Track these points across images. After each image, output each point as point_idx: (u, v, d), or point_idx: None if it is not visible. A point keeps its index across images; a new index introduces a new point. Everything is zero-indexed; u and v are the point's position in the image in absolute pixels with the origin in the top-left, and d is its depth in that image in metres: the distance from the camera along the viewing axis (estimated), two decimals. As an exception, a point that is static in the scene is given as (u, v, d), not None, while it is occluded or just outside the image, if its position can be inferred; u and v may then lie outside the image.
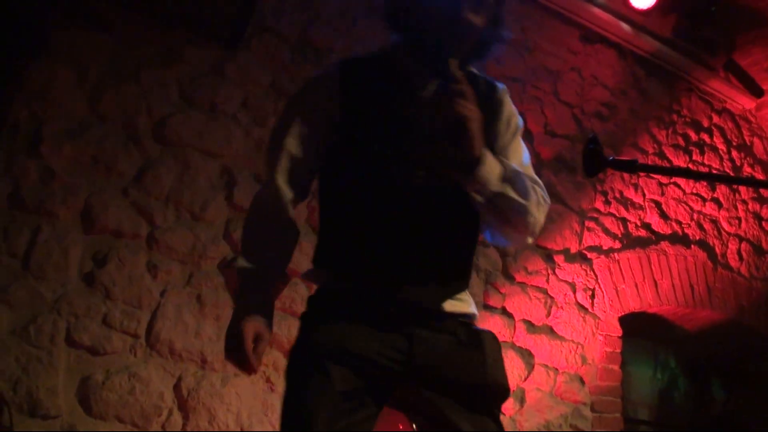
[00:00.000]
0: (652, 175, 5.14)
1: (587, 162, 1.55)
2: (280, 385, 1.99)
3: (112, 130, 3.22)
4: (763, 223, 5.78)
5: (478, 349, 1.70)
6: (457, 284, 1.75)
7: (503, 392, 1.76)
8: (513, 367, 3.85)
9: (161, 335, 3.05)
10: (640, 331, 4.88)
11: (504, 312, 3.94)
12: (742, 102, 6.12)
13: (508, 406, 3.74)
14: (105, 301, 3.00)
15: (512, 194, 1.64)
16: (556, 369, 4.02)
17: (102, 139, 3.18)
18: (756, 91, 6.16)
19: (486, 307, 3.86)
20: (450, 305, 1.71)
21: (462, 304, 1.74)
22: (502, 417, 3.29)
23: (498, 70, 4.51)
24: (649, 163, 5.16)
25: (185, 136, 3.36)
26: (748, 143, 6.09)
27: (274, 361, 3.20)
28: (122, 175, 3.19)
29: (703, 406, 5.50)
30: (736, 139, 5.99)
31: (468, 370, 1.67)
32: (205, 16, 3.39)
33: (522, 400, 3.81)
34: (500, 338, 3.55)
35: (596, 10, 5.28)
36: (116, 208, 3.13)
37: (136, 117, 3.29)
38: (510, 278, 4.06)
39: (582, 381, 4.10)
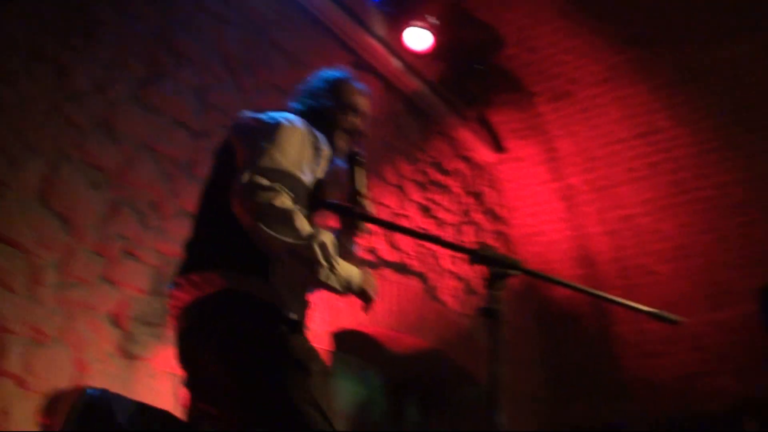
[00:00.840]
0: (388, 205, 5.60)
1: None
2: None
3: None
4: (475, 267, 6.49)
5: None
6: None
7: None
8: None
9: None
10: (350, 346, 5.28)
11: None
12: (483, 154, 6.87)
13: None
14: None
15: None
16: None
17: None
18: (498, 147, 6.94)
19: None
20: None
21: None
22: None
23: (269, 78, 4.75)
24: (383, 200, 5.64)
25: None
26: (481, 191, 6.84)
27: None
28: None
29: (397, 424, 6.05)
30: (471, 186, 6.69)
31: None
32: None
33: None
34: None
35: (372, 41, 5.68)
36: None
37: None
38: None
39: (283, 388, 4.39)
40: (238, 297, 2.05)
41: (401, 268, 5.53)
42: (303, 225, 1.99)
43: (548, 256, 7.19)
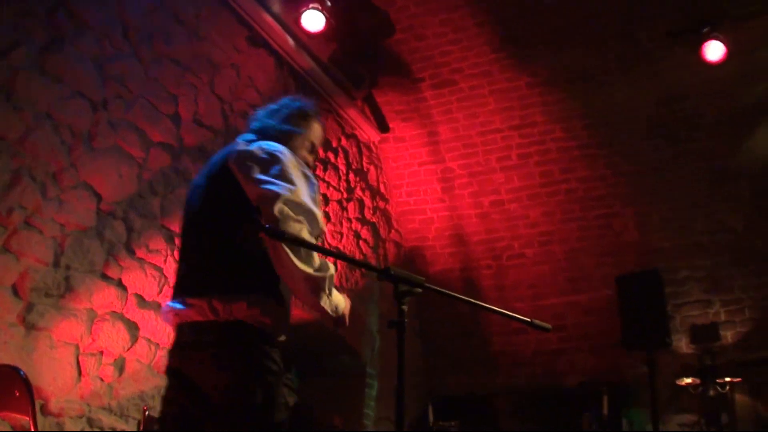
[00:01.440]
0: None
1: None
2: None
3: None
4: (360, 242, 6.86)
5: None
6: None
7: None
8: (119, 338, 4.18)
9: None
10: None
11: (119, 284, 4.23)
12: (369, 133, 7.18)
13: (108, 374, 4.07)
14: None
15: None
16: (158, 344, 4.42)
17: None
18: (383, 127, 7.27)
19: (103, 276, 4.13)
20: None
21: None
22: (100, 383, 3.67)
23: (164, 51, 4.81)
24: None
25: None
26: (365, 169, 7.17)
27: None
28: None
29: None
30: (356, 164, 7.01)
31: None
32: None
33: (122, 369, 4.16)
34: (111, 309, 3.90)
35: (268, 18, 5.81)
36: None
37: None
38: (131, 252, 4.34)
39: (179, 358, 4.58)
40: (250, 329, 2.32)
41: (288, 243, 5.74)
42: (320, 258, 2.32)
43: (425, 234, 7.65)
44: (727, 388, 6.49)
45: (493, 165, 7.19)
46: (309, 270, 2.27)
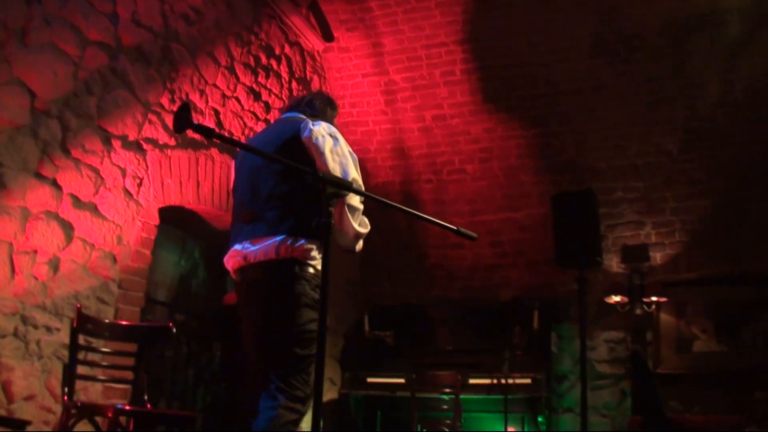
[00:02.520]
0: (219, 86, 5.87)
1: (177, 121, 2.18)
2: None
3: None
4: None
5: None
6: None
7: None
8: (53, 237, 4.27)
9: None
10: (174, 221, 5.63)
11: (54, 183, 4.30)
12: (313, 42, 7.21)
13: (42, 273, 4.19)
14: None
15: None
16: (93, 245, 4.53)
17: None
18: (327, 36, 7.31)
19: (37, 175, 4.19)
20: None
21: None
22: (34, 282, 3.81)
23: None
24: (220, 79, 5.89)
25: None
26: (308, 78, 7.23)
27: None
28: None
29: (216, 294, 6.51)
30: (299, 72, 7.07)
31: None
32: None
33: (56, 269, 4.27)
34: (45, 208, 4.00)
35: None
36: None
37: None
38: (66, 152, 4.39)
39: (115, 259, 4.69)
40: (300, 264, 2.98)
41: (226, 148, 5.84)
42: (367, 223, 3.19)
43: (367, 146, 7.80)
44: (653, 307, 6.91)
45: (437, 79, 7.31)
46: (362, 231, 3.14)
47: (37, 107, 4.21)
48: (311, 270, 2.98)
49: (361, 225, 3.13)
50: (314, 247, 2.98)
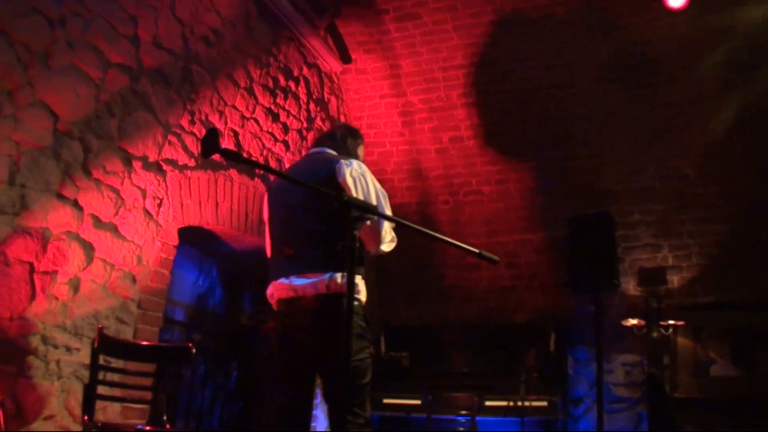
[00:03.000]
0: (238, 108, 5.91)
1: (204, 146, 2.19)
2: None
3: None
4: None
5: None
6: None
7: None
8: (74, 258, 4.30)
9: None
10: (193, 241, 5.66)
11: (75, 204, 4.33)
12: (331, 63, 7.26)
13: (63, 293, 4.22)
14: None
15: None
16: (113, 265, 4.55)
17: None
18: (345, 58, 7.35)
19: (59, 196, 4.23)
20: None
21: None
22: (55, 302, 3.83)
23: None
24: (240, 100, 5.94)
25: None
26: (326, 100, 7.27)
27: None
28: None
29: (233, 313, 6.55)
30: (317, 93, 7.11)
31: None
32: None
33: (77, 289, 4.29)
34: (66, 228, 4.02)
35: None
36: None
37: None
38: (88, 173, 4.43)
39: (134, 279, 4.72)
40: (341, 297, 3.10)
41: (245, 170, 5.88)
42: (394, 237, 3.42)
43: (384, 167, 7.81)
44: (670, 330, 6.84)
45: (455, 101, 7.33)
46: (387, 249, 3.39)
47: (60, 129, 4.25)
48: (357, 303, 3.21)
49: (389, 244, 3.38)
50: (360, 281, 3.25)
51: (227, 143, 5.75)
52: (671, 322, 6.75)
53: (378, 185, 3.39)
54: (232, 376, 5.74)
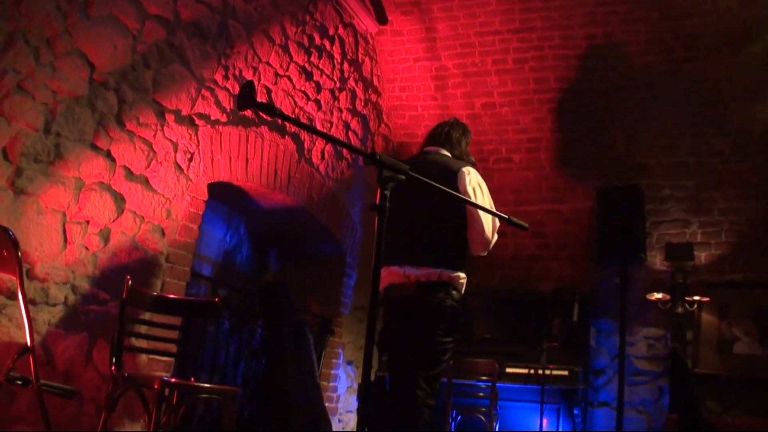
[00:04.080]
0: (272, 64, 5.82)
1: (240, 99, 2.11)
2: None
3: None
4: (350, 133, 6.93)
5: None
6: None
7: None
8: (105, 209, 4.28)
9: None
10: (222, 197, 5.62)
11: (108, 155, 4.30)
12: (367, 24, 7.13)
13: (93, 243, 4.20)
14: None
15: None
16: (143, 217, 4.53)
17: None
18: (381, 19, 7.22)
19: (93, 146, 4.19)
20: None
21: None
22: (85, 252, 3.82)
23: None
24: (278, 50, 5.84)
25: None
26: (360, 60, 7.16)
27: None
28: None
29: (259, 271, 6.54)
30: (351, 54, 6.99)
31: None
32: None
33: (107, 240, 4.28)
34: (99, 179, 3.99)
35: None
36: None
37: None
38: (122, 125, 4.39)
39: (163, 233, 4.69)
40: (453, 287, 3.65)
41: (276, 127, 5.82)
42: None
43: (414, 130, 7.72)
44: (695, 306, 6.76)
45: (489, 67, 7.19)
46: (491, 239, 3.70)
47: (96, 79, 4.21)
48: (456, 293, 3.65)
49: (492, 235, 3.69)
50: (463, 275, 3.68)
51: (260, 100, 5.66)
52: (696, 298, 6.66)
53: (488, 194, 3.78)
54: (257, 333, 5.74)
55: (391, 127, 7.85)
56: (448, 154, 3.90)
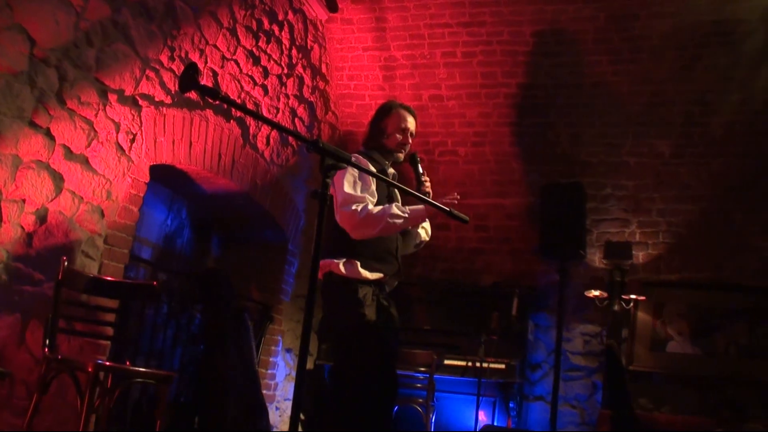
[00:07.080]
0: (219, 47, 5.81)
1: (183, 81, 2.14)
2: None
3: None
4: (296, 120, 6.96)
5: None
6: None
7: None
8: (42, 188, 4.24)
9: None
10: (164, 179, 5.59)
11: (47, 133, 4.26)
12: (317, 10, 7.15)
13: (29, 223, 4.16)
14: None
15: None
16: (82, 198, 4.49)
17: None
18: (332, 6, 7.24)
19: (31, 124, 4.15)
20: None
21: None
22: (21, 231, 3.78)
23: None
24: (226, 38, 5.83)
25: None
26: (309, 47, 7.18)
27: None
28: None
29: (200, 255, 6.53)
30: (300, 40, 7.01)
31: None
32: None
33: (44, 220, 4.24)
34: (37, 157, 3.96)
35: None
36: None
37: None
38: (62, 102, 4.34)
39: (102, 214, 4.66)
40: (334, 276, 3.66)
41: (222, 111, 5.81)
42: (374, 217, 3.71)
43: (361, 119, 7.75)
44: (631, 304, 6.97)
45: (437, 59, 7.28)
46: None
47: (36, 55, 4.16)
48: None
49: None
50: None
51: (205, 82, 5.65)
52: (633, 296, 6.87)
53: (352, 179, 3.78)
54: (196, 318, 5.75)
55: (338, 116, 7.90)
56: None
